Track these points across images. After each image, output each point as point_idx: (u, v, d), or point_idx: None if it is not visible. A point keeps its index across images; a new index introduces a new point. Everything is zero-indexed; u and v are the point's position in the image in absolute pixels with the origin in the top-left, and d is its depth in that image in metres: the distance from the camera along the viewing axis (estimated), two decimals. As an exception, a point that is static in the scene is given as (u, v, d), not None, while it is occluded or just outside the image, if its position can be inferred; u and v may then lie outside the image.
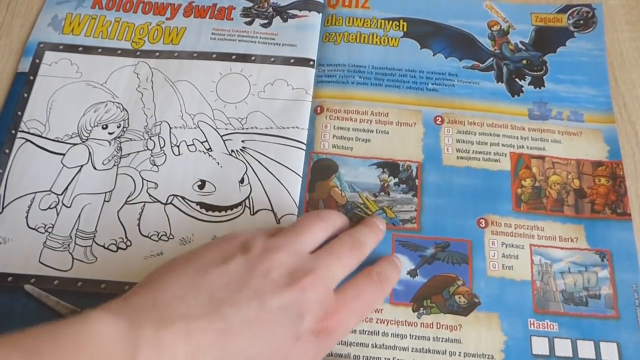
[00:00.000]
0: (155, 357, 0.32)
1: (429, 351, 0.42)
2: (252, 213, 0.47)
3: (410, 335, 0.42)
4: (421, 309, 0.43)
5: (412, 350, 0.42)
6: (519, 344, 0.42)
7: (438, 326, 0.43)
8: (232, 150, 0.49)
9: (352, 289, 0.40)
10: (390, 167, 0.49)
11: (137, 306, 0.34)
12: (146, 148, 0.49)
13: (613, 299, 0.43)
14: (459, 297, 0.43)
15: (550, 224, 0.46)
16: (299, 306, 0.36)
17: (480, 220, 0.46)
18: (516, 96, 0.52)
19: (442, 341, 0.42)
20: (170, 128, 0.50)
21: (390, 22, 0.56)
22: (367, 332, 0.42)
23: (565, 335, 0.42)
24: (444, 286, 0.44)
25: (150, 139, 0.49)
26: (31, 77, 0.52)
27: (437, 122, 0.50)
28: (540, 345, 0.42)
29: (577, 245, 0.45)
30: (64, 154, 0.49)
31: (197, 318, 0.34)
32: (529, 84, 0.52)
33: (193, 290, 0.35)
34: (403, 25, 0.56)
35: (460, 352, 0.42)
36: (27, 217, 0.46)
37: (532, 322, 0.43)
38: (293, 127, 0.50)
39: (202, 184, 0.48)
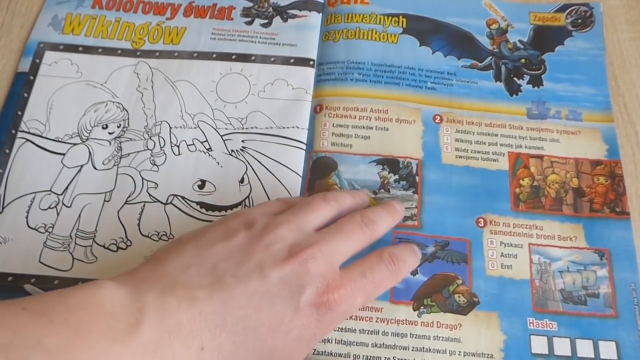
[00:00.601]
0: (160, 322, 0.32)
1: (429, 350, 0.42)
2: (252, 213, 0.47)
3: (410, 334, 0.42)
4: (422, 307, 0.43)
5: (412, 349, 0.42)
6: (518, 343, 0.42)
7: (438, 325, 0.43)
8: (232, 150, 0.49)
9: (359, 266, 0.40)
10: (390, 163, 0.49)
11: (143, 277, 0.36)
12: (146, 148, 0.49)
13: (612, 298, 0.43)
14: (459, 296, 0.44)
15: (549, 223, 0.46)
16: (299, 278, 0.37)
17: (479, 220, 0.46)
18: (514, 95, 0.52)
19: (442, 340, 0.42)
20: (171, 128, 0.50)
21: (390, 17, 0.56)
22: (367, 332, 0.42)
23: (564, 334, 0.42)
24: (443, 285, 0.44)
25: (151, 138, 0.50)
26: (31, 77, 0.52)
27: (436, 120, 0.51)
28: (539, 344, 0.42)
29: (575, 244, 0.45)
30: (64, 154, 0.49)
31: (200, 287, 0.35)
32: (528, 83, 0.52)
33: (196, 262, 0.36)
34: (402, 21, 0.56)
35: (460, 351, 0.42)
36: (27, 217, 0.46)
37: (531, 321, 0.43)
38: (293, 127, 0.50)
39: (202, 184, 0.48)
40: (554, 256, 0.45)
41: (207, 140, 0.50)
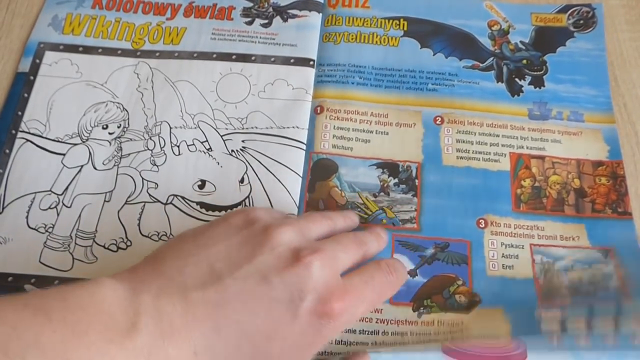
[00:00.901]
0: (155, 326, 0.32)
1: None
2: (252, 213, 0.47)
3: (410, 333, 0.42)
4: (421, 308, 0.43)
5: (412, 349, 0.42)
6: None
7: (439, 324, 0.42)
8: (232, 150, 0.49)
9: (361, 275, 0.39)
10: (390, 167, 0.49)
11: (142, 276, 0.35)
12: (146, 148, 0.49)
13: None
14: (459, 297, 0.43)
15: (550, 223, 0.46)
16: (301, 283, 0.35)
17: (480, 221, 0.46)
18: (516, 96, 0.52)
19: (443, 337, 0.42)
20: (171, 128, 0.50)
21: (391, 21, 0.56)
22: (367, 332, 0.42)
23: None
24: (443, 286, 0.44)
25: (151, 139, 0.49)
26: (31, 77, 0.52)
27: (437, 122, 0.50)
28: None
29: (579, 244, 0.45)
30: (64, 154, 0.49)
31: (194, 289, 0.34)
32: (529, 83, 0.52)
33: (194, 261, 0.36)
34: (403, 24, 0.56)
35: None
36: (27, 217, 0.46)
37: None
38: (293, 127, 0.50)
39: (202, 184, 0.48)
40: (557, 255, 0.45)
41: (207, 140, 0.49)
